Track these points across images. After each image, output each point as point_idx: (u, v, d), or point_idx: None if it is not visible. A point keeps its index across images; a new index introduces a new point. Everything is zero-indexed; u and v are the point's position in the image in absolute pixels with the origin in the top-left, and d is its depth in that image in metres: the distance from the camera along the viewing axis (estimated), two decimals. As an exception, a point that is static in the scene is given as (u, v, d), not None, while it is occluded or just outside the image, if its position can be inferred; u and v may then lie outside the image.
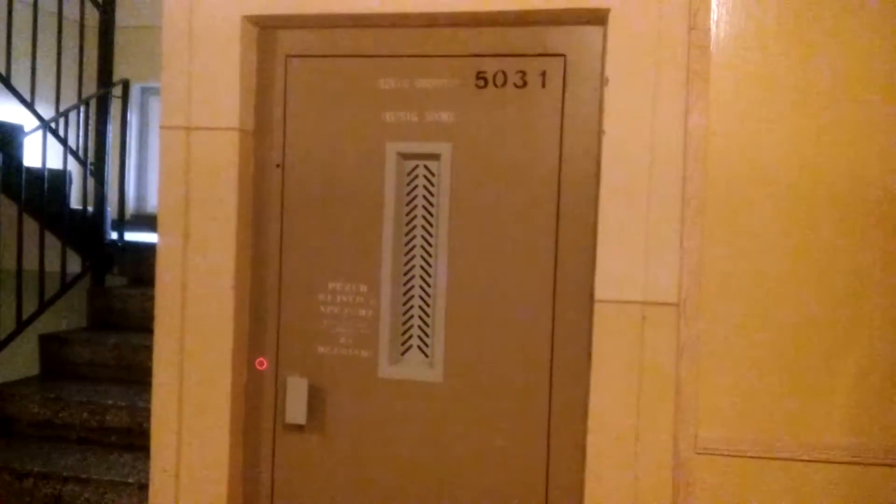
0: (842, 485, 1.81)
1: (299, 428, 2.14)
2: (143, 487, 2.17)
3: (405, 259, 2.08)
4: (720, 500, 1.85)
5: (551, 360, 1.99)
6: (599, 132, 1.90)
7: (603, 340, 1.89)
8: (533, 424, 2.01)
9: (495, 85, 2.00)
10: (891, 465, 1.80)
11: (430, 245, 2.06)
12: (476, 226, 2.02)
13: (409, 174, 2.07)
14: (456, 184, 2.03)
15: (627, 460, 1.88)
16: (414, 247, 2.07)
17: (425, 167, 2.06)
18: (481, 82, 2.01)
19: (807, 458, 1.81)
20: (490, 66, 2.00)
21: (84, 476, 2.36)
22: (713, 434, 1.84)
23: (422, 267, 2.06)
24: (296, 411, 2.11)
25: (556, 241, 1.97)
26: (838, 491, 1.81)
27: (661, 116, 1.84)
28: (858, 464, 1.80)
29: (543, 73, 1.97)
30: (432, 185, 2.05)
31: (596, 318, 1.89)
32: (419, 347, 2.09)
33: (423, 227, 2.06)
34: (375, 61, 2.07)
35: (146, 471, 2.16)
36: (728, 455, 1.84)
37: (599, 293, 1.88)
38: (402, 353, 2.10)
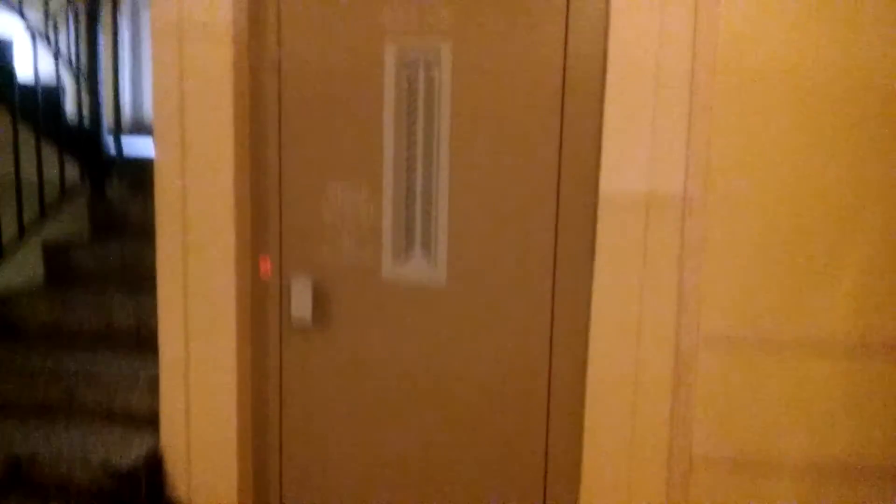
0: (843, 376, 1.85)
1: (305, 328, 2.18)
2: (154, 385, 2.23)
3: (406, 160, 2.07)
4: (721, 392, 1.90)
5: (555, 257, 2.01)
6: (606, 28, 1.87)
7: (607, 236, 1.91)
8: (536, 322, 2.05)
9: (497, -20, 1.96)
10: (892, 357, 1.84)
11: (431, 145, 2.05)
12: (478, 125, 2.01)
13: (408, 74, 2.04)
14: (457, 83, 2.01)
15: (629, 353, 1.93)
16: (415, 146, 2.07)
17: (425, 65, 2.03)
18: (482, -22, 1.97)
19: (808, 348, 1.85)
20: (491, -40, 1.95)
21: (95, 374, 2.42)
22: (715, 326, 1.88)
23: (423, 167, 2.07)
24: (301, 311, 2.15)
25: (561, 139, 1.96)
26: (839, 382, 1.86)
27: (669, 9, 1.80)
28: (858, 354, 1.84)
29: (546, -32, 1.93)
30: (433, 84, 2.03)
31: (600, 214, 1.90)
32: (422, 249, 2.11)
33: (424, 127, 2.05)
34: (374, -44, 2.02)
35: (156, 370, 2.23)
36: (730, 347, 1.88)
37: (604, 189, 1.89)
38: (405, 256, 2.12)
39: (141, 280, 2.87)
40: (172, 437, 2.23)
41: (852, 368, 1.85)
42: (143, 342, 2.68)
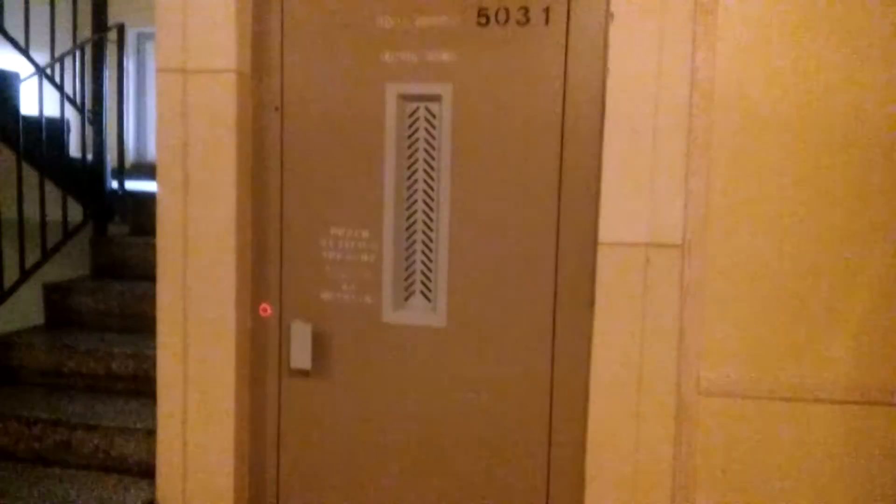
0: (844, 424, 1.81)
1: (304, 373, 2.14)
2: (152, 433, 2.19)
3: (407, 203, 2.05)
4: (722, 441, 1.85)
5: (554, 303, 1.97)
6: (604, 70, 1.85)
7: (606, 283, 1.87)
8: (536, 367, 2.00)
9: (497, 22, 1.94)
10: (893, 405, 1.79)
11: (432, 189, 2.03)
12: (478, 168, 1.98)
13: (409, 116, 2.02)
14: (458, 125, 1.98)
15: (630, 403, 1.88)
16: (416, 190, 2.04)
17: (426, 108, 2.01)
18: (483, 20, 1.95)
19: (809, 396, 1.81)
20: (492, 2, 1.94)
21: (93, 422, 2.37)
22: (716, 376, 1.84)
23: (424, 211, 2.04)
24: (301, 357, 2.11)
25: (560, 183, 1.94)
26: (840, 430, 1.81)
27: (667, 53, 1.79)
28: (861, 403, 1.80)
29: (547, 10, 1.91)
30: (434, 126, 2.01)
31: (599, 261, 1.87)
32: (422, 293, 2.07)
33: (425, 169, 2.03)
34: (373, -1, 2.01)
35: (154, 417, 2.18)
36: (730, 396, 1.83)
37: (603, 235, 1.86)
38: (406, 299, 2.08)
39: (141, 323, 2.85)
40: (169, 490, 2.17)
41: (854, 414, 1.80)
42: (142, 387, 2.65)
